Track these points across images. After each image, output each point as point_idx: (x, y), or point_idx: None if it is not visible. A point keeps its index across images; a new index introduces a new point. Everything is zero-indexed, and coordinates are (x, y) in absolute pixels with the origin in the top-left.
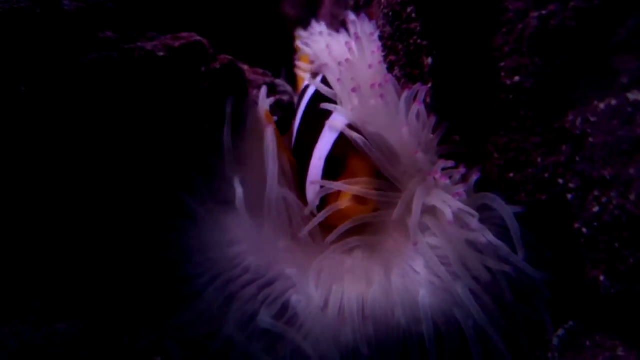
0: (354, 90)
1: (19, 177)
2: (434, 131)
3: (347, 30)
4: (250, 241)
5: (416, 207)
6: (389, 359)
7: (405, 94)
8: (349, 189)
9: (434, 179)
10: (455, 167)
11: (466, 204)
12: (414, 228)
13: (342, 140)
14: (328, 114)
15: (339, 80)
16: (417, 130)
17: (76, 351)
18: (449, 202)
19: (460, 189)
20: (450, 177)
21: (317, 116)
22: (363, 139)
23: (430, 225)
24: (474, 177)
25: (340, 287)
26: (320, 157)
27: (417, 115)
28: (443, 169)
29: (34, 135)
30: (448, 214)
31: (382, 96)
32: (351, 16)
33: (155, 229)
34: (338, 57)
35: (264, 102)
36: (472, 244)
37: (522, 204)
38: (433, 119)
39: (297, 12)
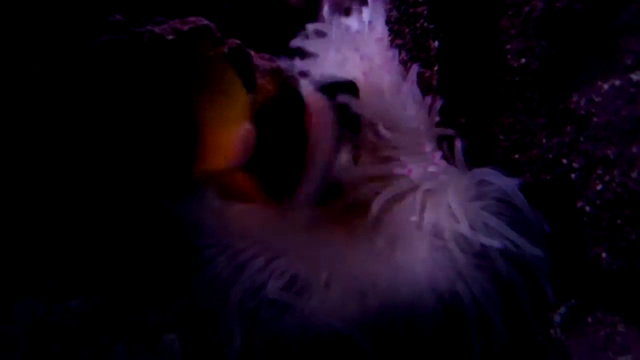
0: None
1: (32, 157)
2: (439, 113)
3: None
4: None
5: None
6: (394, 335)
7: (410, 77)
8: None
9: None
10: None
11: (463, 179)
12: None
13: None
14: None
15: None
16: (423, 112)
17: (88, 326)
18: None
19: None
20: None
21: None
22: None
23: (431, 204)
24: (458, 145)
25: (346, 263)
26: None
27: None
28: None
29: (45, 116)
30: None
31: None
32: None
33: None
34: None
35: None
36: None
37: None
38: (439, 102)
39: (300, 1)
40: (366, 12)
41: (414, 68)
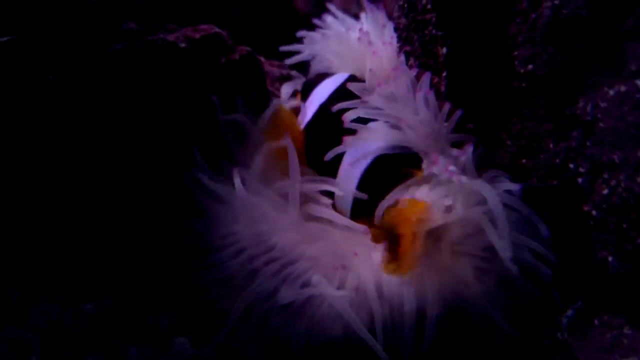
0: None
1: (47, 162)
2: (447, 119)
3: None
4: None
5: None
6: (403, 340)
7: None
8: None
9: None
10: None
11: (472, 186)
12: None
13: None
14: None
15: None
16: (430, 119)
17: (102, 329)
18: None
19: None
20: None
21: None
22: None
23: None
24: (469, 149)
25: (357, 268)
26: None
27: (429, 104)
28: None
29: (61, 121)
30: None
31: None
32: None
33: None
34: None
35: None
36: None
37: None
38: (447, 108)
39: (308, 7)
40: (365, 17)
41: (427, 74)
